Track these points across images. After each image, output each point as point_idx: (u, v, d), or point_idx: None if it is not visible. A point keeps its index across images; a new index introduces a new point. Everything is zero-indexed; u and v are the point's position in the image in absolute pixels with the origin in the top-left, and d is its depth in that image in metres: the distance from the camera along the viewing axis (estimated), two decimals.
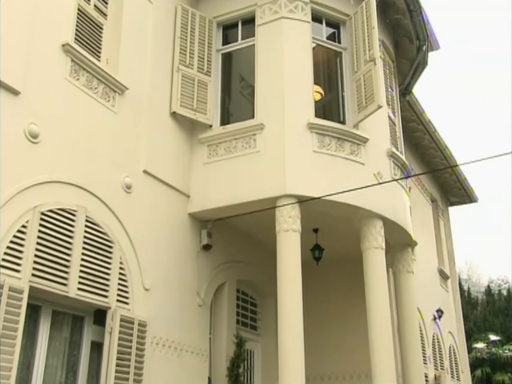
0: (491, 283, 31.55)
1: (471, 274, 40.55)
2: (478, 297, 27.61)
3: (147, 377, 6.57)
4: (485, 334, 22.51)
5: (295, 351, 7.00)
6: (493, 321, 23.85)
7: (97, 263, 6.22)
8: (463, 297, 25.75)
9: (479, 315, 24.86)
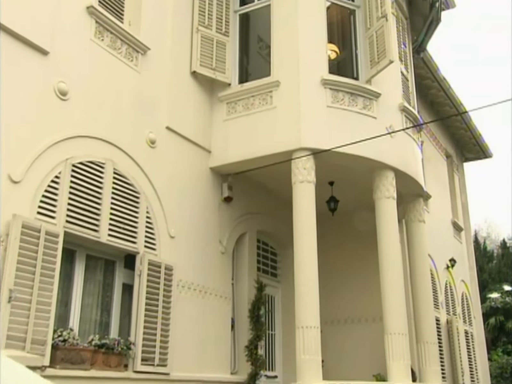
0: (509, 240, 31.36)
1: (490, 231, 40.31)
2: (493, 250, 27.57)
3: (174, 316, 6.89)
4: (499, 285, 22.56)
5: (310, 295, 7.22)
6: (508, 273, 23.84)
7: (125, 211, 6.48)
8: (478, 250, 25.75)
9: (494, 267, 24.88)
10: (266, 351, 9.20)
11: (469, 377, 12.66)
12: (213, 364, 7.58)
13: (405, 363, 7.40)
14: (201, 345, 7.40)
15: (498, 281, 23.27)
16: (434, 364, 8.42)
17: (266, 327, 9.16)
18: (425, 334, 8.62)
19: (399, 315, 7.70)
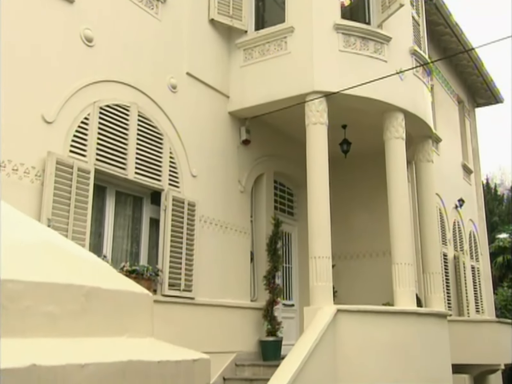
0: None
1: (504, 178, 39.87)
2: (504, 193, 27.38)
3: (197, 248, 7.18)
4: (508, 226, 22.56)
5: (322, 229, 7.41)
6: None
7: (150, 151, 6.68)
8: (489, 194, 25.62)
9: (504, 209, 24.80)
10: (284, 282, 9.51)
11: (474, 307, 12.92)
12: (234, 292, 7.91)
13: (410, 290, 7.64)
14: (222, 274, 7.71)
15: (507, 223, 23.24)
16: (438, 292, 8.65)
17: (283, 261, 9.46)
18: (431, 265, 8.81)
19: (405, 247, 7.88)
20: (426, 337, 7.54)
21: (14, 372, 0.94)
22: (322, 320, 6.67)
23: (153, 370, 1.21)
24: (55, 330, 1.12)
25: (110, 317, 1.26)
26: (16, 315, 1.06)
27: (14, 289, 1.07)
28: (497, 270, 20.84)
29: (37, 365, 0.97)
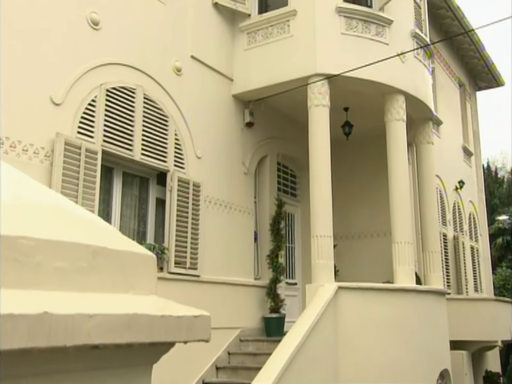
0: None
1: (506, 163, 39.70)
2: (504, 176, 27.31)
3: (202, 227, 7.26)
4: (508, 208, 22.54)
5: (324, 208, 7.47)
6: None
7: (156, 133, 6.72)
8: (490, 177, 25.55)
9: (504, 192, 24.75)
10: (287, 262, 9.59)
11: (473, 287, 13.00)
12: (238, 270, 8.01)
13: (410, 268, 7.70)
14: (227, 253, 7.79)
15: (507, 205, 23.22)
16: (437, 270, 8.72)
17: (286, 241, 9.53)
18: (430, 244, 8.87)
19: (405, 226, 7.93)
20: (425, 314, 7.63)
21: (28, 318, 1.00)
22: (323, 296, 6.75)
23: (156, 323, 1.26)
24: (65, 284, 1.18)
25: (116, 275, 1.31)
26: (29, 269, 1.12)
27: (26, 244, 1.13)
28: (497, 251, 20.88)
29: (49, 313, 1.03)
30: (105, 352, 1.21)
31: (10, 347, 0.96)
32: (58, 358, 1.11)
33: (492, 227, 20.96)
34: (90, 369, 1.21)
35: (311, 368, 6.13)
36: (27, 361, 1.05)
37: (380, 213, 9.88)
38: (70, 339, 1.06)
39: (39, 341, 1.00)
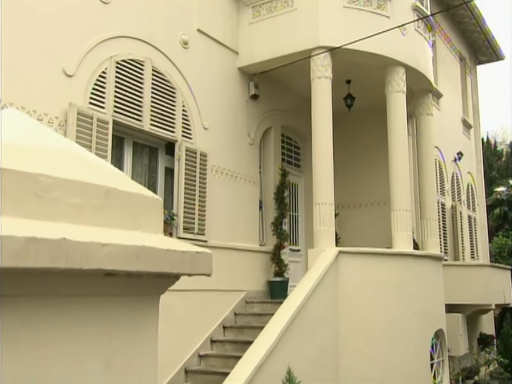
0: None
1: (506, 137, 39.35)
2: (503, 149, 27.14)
3: (209, 195, 7.36)
4: (506, 180, 22.48)
5: (325, 177, 7.53)
6: None
7: (164, 105, 6.77)
8: (489, 150, 25.41)
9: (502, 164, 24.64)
10: (290, 230, 9.71)
11: (470, 254, 13.10)
12: (244, 236, 8.13)
13: (407, 234, 7.80)
14: (233, 220, 7.91)
15: (506, 177, 23.14)
16: (435, 236, 8.81)
17: (290, 210, 9.63)
18: (428, 212, 8.94)
19: (404, 194, 8.00)
20: (421, 277, 7.75)
21: (49, 242, 1.09)
22: (324, 260, 6.87)
23: (162, 256, 1.36)
24: (80, 219, 1.27)
25: (125, 214, 1.40)
26: (48, 203, 1.21)
27: (45, 182, 1.22)
28: (494, 221, 20.91)
29: (67, 239, 1.12)
30: (117, 280, 1.31)
31: (34, 265, 1.06)
32: (75, 282, 1.21)
33: (490, 199, 20.96)
34: (104, 295, 1.31)
35: (312, 326, 6.29)
36: (49, 282, 1.16)
37: (381, 182, 9.92)
38: (86, 263, 1.16)
39: (59, 262, 1.10)
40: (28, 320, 1.14)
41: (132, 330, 1.39)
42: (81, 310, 1.25)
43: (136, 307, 1.41)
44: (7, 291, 1.09)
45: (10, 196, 1.14)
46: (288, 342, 5.81)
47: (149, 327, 1.45)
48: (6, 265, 1.01)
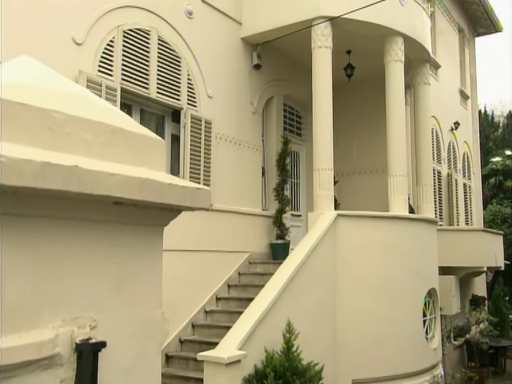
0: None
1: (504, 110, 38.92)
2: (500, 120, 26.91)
3: (214, 161, 7.43)
4: (501, 151, 22.38)
5: (325, 144, 7.55)
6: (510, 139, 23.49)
7: (170, 73, 6.78)
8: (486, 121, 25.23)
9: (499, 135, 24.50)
10: (292, 196, 9.80)
11: (464, 220, 13.19)
12: (247, 201, 8.23)
13: (403, 198, 7.88)
14: (237, 185, 7.99)
15: (502, 148, 23.05)
16: (430, 201, 8.89)
17: (292, 177, 9.70)
18: (424, 178, 9.00)
19: (400, 161, 8.04)
20: (416, 240, 7.86)
21: (62, 168, 1.18)
22: (323, 222, 6.98)
23: (165, 188, 1.44)
24: (90, 153, 1.35)
25: (131, 151, 1.48)
26: (60, 137, 1.29)
27: (57, 117, 1.29)
28: (489, 190, 20.93)
29: (78, 167, 1.20)
30: (125, 209, 1.40)
31: (50, 187, 1.14)
32: (87, 208, 1.31)
33: (486, 168, 20.94)
34: (113, 223, 1.41)
35: (311, 283, 6.44)
36: (63, 206, 1.25)
37: (380, 151, 9.93)
38: (96, 189, 1.25)
39: (71, 186, 1.19)
40: (46, 239, 1.24)
41: (139, 256, 1.48)
42: (93, 234, 1.35)
43: (143, 236, 1.51)
44: (27, 212, 1.19)
45: (27, 128, 1.22)
46: (288, 297, 5.97)
47: (154, 255, 1.55)
48: (26, 184, 1.10)
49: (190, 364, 6.25)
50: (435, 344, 8.13)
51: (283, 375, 5.11)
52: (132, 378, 1.41)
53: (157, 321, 1.51)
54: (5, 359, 1.11)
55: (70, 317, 1.27)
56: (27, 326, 1.17)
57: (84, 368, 1.24)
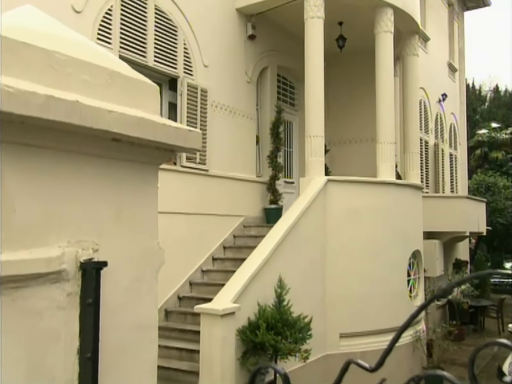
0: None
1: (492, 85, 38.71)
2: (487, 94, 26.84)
3: (209, 128, 7.47)
4: (488, 123, 22.42)
5: (316, 113, 7.57)
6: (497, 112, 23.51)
7: (166, 42, 6.76)
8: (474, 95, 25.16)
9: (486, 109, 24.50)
10: (285, 164, 9.88)
11: (449, 188, 13.34)
12: (242, 168, 8.31)
13: (391, 165, 7.98)
14: (232, 152, 8.06)
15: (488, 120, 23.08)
16: (416, 168, 8.99)
17: (285, 146, 9.76)
18: (411, 146, 9.08)
19: (388, 129, 8.11)
20: (402, 204, 7.99)
21: (64, 102, 1.25)
22: (314, 187, 7.09)
23: (159, 128, 1.52)
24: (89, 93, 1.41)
25: (127, 94, 1.55)
26: (62, 76, 1.36)
27: (59, 58, 1.36)
28: (475, 161, 21.06)
29: (80, 102, 1.28)
30: (122, 146, 1.49)
31: (54, 118, 1.22)
32: (87, 142, 1.39)
33: (472, 140, 21.01)
34: (111, 158, 1.49)
35: (302, 243, 6.59)
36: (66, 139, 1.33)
37: (370, 120, 9.92)
38: (96, 123, 1.33)
39: (73, 119, 1.27)
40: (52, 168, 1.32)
41: (136, 190, 1.57)
42: (94, 167, 1.43)
43: (139, 173, 1.59)
44: (34, 142, 1.27)
45: (31, 67, 1.29)
46: (280, 256, 6.12)
47: (150, 191, 1.64)
48: (32, 114, 1.18)
49: (188, 318, 6.44)
50: (418, 302, 8.36)
51: (275, 326, 5.30)
52: (131, 297, 1.52)
53: (154, 250, 1.61)
54: (18, 270, 1.21)
55: (75, 240, 1.36)
56: (36, 244, 1.27)
57: (88, 283, 1.34)
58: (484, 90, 28.60)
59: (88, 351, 1.34)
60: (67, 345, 1.33)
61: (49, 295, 1.30)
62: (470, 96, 21.91)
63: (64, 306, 1.33)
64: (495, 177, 17.18)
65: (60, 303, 1.32)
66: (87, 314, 1.34)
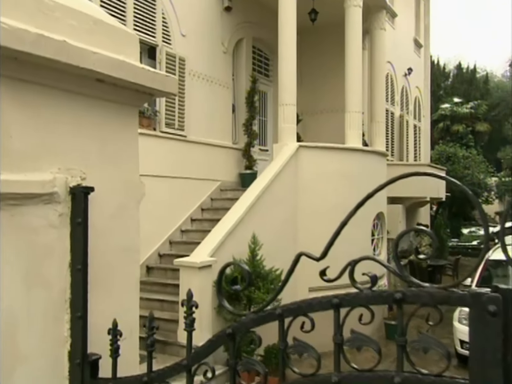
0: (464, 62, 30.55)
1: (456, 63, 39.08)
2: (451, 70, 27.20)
3: (187, 96, 7.48)
4: (451, 98, 22.82)
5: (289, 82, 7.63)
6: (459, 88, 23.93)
7: (145, 11, 6.69)
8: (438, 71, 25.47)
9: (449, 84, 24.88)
10: (260, 132, 9.97)
11: (413, 157, 13.68)
12: (219, 135, 8.38)
13: (358, 132, 8.17)
14: (209, 119, 8.11)
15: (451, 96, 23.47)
16: (381, 136, 9.22)
17: (260, 115, 9.83)
18: (377, 115, 9.28)
19: (356, 98, 8.27)
20: (368, 169, 8.21)
21: (53, 41, 1.33)
22: (286, 152, 7.24)
23: (140, 71, 1.61)
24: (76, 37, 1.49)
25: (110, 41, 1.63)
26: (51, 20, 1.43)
27: (48, 3, 1.43)
28: (438, 133, 21.52)
29: (67, 42, 1.36)
30: (106, 87, 1.58)
31: (44, 55, 1.31)
32: (74, 81, 1.48)
33: (436, 114, 21.40)
34: (96, 98, 1.59)
35: (275, 204, 6.77)
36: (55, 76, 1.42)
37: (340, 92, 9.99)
38: (82, 63, 1.42)
39: (61, 57, 1.36)
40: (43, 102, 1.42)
41: (118, 128, 1.68)
42: (80, 104, 1.53)
43: (121, 114, 1.70)
44: (27, 77, 1.36)
45: (23, 9, 1.37)
46: (254, 215, 6.29)
47: (131, 130, 1.74)
48: (25, 50, 1.27)
49: (168, 274, 6.61)
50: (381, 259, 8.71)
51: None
52: (116, 223, 1.64)
53: (135, 183, 1.73)
54: (15, 189, 1.32)
55: (65, 167, 1.47)
56: (30, 169, 1.38)
57: (77, 205, 1.46)
58: (449, 68, 28.94)
59: (79, 264, 1.47)
60: (60, 258, 1.46)
61: (43, 214, 1.41)
62: (435, 72, 22.18)
63: (56, 225, 1.45)
64: (455, 148, 17.65)
65: (53, 222, 1.44)
66: (76, 232, 1.47)
